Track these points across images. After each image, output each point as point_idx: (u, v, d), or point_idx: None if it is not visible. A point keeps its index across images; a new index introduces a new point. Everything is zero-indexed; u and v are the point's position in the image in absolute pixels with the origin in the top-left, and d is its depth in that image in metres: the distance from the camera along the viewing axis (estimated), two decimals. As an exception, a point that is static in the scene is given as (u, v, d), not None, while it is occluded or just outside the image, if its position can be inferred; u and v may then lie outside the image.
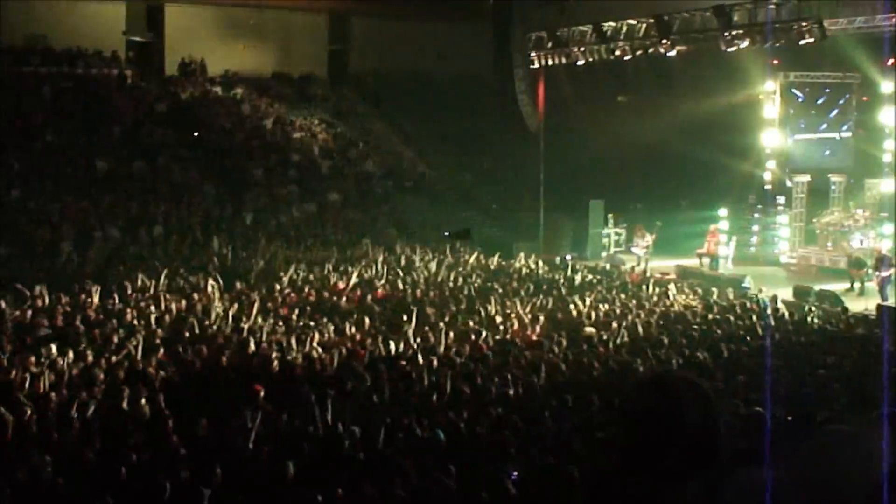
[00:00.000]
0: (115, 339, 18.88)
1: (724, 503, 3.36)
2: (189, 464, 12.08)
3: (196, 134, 42.14)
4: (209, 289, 24.46)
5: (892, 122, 35.16)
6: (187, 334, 19.94)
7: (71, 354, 17.51)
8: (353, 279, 27.36)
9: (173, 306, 22.46)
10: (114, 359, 17.47)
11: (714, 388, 13.09)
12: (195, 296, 23.98)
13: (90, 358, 17.52)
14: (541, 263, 33.20)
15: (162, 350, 18.54)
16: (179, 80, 45.18)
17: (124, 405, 14.75)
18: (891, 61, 33.19)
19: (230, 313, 22.03)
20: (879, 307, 27.58)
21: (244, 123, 43.36)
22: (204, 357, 18.10)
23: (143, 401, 14.98)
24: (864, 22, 31.89)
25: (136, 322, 20.72)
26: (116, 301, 22.96)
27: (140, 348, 18.09)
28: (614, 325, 22.56)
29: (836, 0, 33.06)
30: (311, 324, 21.51)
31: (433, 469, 11.86)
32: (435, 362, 17.99)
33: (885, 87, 35.17)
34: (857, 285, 32.14)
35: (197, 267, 27.95)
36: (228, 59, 46.12)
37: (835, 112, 38.24)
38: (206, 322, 21.10)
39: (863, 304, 29.26)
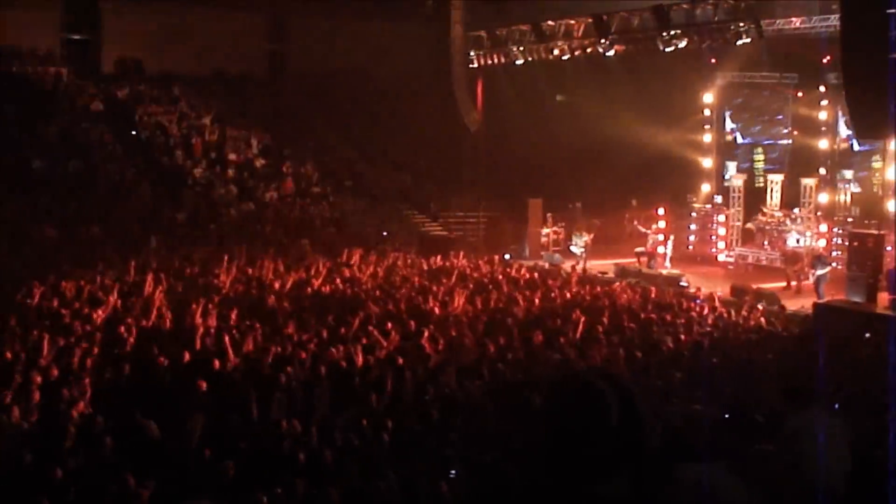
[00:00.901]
0: (52, 341, 18.63)
1: (659, 498, 3.37)
2: (129, 465, 11.97)
3: (133, 133, 41.84)
4: (148, 288, 24.24)
5: (827, 121, 35.60)
6: (125, 335, 19.73)
7: (9, 355, 17.30)
8: (293, 279, 27.25)
9: (111, 306, 22.23)
10: (50, 360, 17.25)
11: (652, 386, 13.24)
12: (133, 296, 23.77)
13: (25, 360, 17.30)
14: (481, 262, 33.26)
15: (99, 350, 18.34)
16: (116, 79, 44.82)
17: (61, 407, 14.59)
18: (826, 59, 33.56)
19: (169, 313, 21.85)
20: (816, 306, 27.88)
21: (182, 122, 43.07)
22: (143, 357, 17.93)
23: (81, 403, 14.82)
24: (801, 23, 32.23)
25: (72, 323, 20.47)
26: (53, 302, 22.68)
27: (77, 349, 17.88)
28: (554, 323, 22.63)
29: (773, 0, 33.40)
30: (250, 324, 21.35)
31: (372, 469, 11.85)
32: (375, 362, 17.95)
33: (821, 88, 35.61)
34: (793, 284, 32.53)
35: (135, 266, 27.69)
36: (166, 58, 45.79)
37: (772, 112, 38.64)
38: (145, 322, 20.91)
39: (799, 303, 29.57)
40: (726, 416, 10.90)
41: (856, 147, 34.29)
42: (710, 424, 9.44)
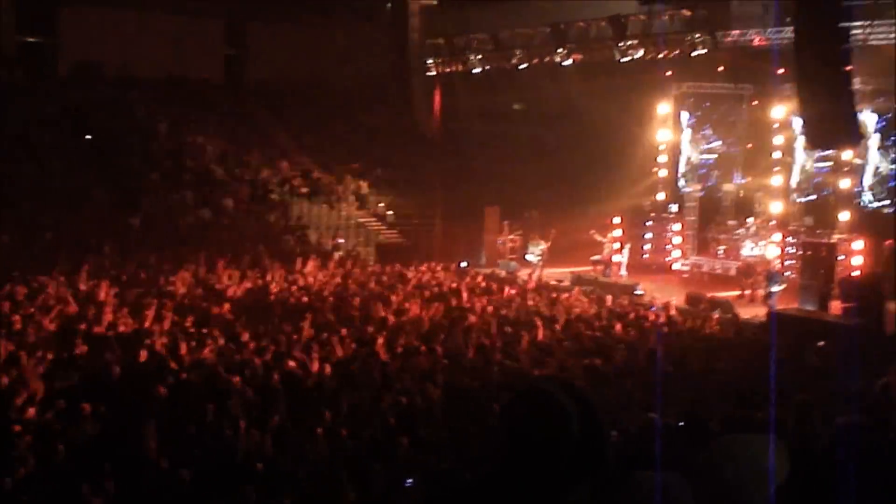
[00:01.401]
0: (3, 347, 18.46)
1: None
2: (82, 472, 11.90)
3: (89, 137, 41.49)
4: (102, 295, 24.08)
5: (781, 131, 35.86)
6: (79, 341, 19.59)
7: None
8: (249, 286, 27.17)
9: (65, 312, 22.07)
10: (1, 367, 17.10)
11: (606, 394, 13.29)
12: (87, 302, 23.59)
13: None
14: (437, 270, 33.29)
15: (52, 357, 18.19)
16: (72, 83, 44.46)
17: (11, 415, 14.46)
18: (781, 70, 33.82)
19: (123, 320, 21.72)
20: (770, 314, 28.09)
21: (138, 127, 42.78)
22: (96, 364, 17.82)
23: (32, 410, 14.70)
24: (755, 34, 32.48)
25: (24, 329, 20.30)
26: (5, 307, 22.46)
27: (29, 356, 17.73)
28: (510, 330, 22.67)
29: (728, 3, 33.64)
30: (206, 331, 21.26)
31: (328, 477, 11.83)
32: (331, 369, 17.93)
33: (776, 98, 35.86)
34: (747, 293, 32.77)
35: (89, 273, 27.50)
36: (123, 62, 45.45)
37: (727, 121, 38.92)
38: (98, 328, 20.77)
39: (753, 311, 29.77)
40: (681, 424, 10.95)
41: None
42: (665, 433, 9.48)
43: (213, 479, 11.96)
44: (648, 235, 39.93)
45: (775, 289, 30.55)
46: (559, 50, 35.89)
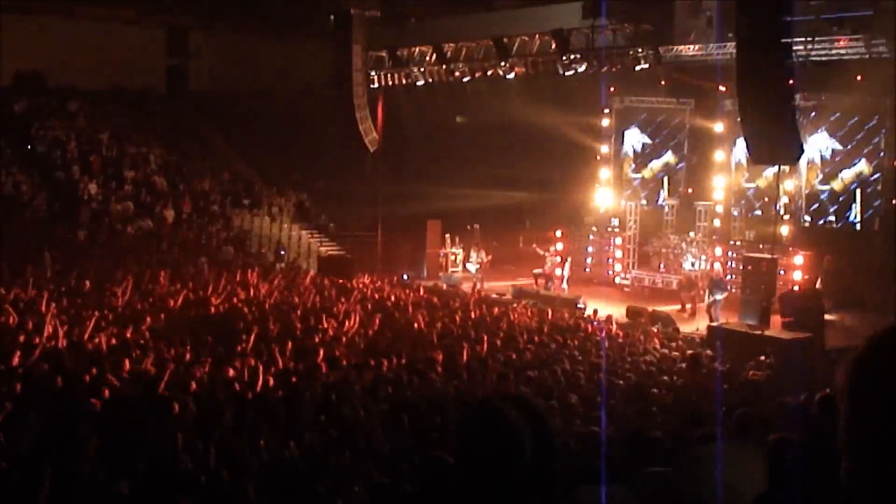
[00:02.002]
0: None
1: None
2: (16, 487, 11.73)
3: (29, 147, 41.14)
4: (42, 305, 23.81)
5: (723, 146, 36.13)
6: (18, 352, 19.34)
7: None
8: (190, 297, 26.99)
9: (3, 322, 21.81)
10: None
11: (549, 408, 13.30)
12: (26, 312, 23.32)
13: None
14: (380, 283, 33.26)
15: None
16: (13, 92, 44.07)
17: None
18: (723, 88, 34.07)
19: (63, 330, 21.48)
20: (710, 328, 28.26)
21: (79, 137, 42.46)
22: (35, 375, 17.60)
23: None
24: (698, 50, 32.70)
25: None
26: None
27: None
28: (451, 343, 22.65)
29: (671, 18, 33.88)
30: (145, 342, 21.07)
31: (270, 491, 11.76)
32: (273, 382, 17.83)
33: (717, 115, 36.11)
34: (688, 307, 32.95)
35: (28, 282, 27.20)
36: (65, 72, 45.11)
37: (668, 137, 39.18)
38: (38, 339, 20.52)
39: (694, 325, 29.95)
40: (624, 437, 10.98)
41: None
42: (608, 446, 9.50)
43: (153, 493, 11.83)
44: (590, 249, 40.10)
45: (719, 297, 30.73)
46: (502, 63, 35.90)
